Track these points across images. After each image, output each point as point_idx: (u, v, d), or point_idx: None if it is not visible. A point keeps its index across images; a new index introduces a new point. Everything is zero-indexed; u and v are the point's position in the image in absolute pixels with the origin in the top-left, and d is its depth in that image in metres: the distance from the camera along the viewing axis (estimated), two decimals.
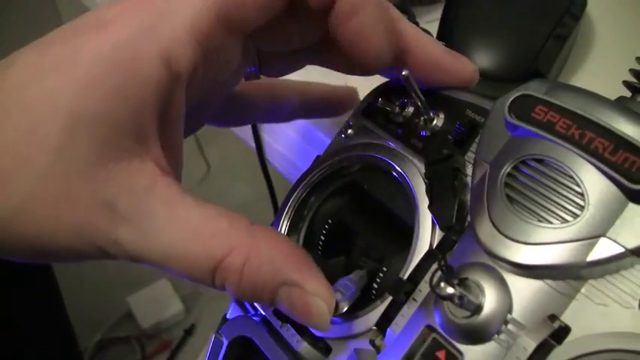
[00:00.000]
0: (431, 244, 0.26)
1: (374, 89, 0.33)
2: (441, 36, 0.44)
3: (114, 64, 0.22)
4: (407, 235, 0.27)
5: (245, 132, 0.52)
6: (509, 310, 0.22)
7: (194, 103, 0.26)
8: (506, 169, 0.23)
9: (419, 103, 0.28)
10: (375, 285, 0.29)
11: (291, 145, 0.50)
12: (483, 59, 0.41)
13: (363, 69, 0.28)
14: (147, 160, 0.23)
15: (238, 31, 0.25)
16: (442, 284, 0.22)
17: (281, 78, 0.34)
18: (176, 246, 0.22)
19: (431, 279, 0.22)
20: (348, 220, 0.32)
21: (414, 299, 0.25)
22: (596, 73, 0.44)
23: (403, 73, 0.27)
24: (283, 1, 0.25)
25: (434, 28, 0.44)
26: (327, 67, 0.33)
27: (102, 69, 0.22)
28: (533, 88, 0.24)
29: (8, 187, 0.21)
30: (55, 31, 0.24)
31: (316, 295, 0.23)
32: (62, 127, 0.21)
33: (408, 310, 0.25)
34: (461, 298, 0.22)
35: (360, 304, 0.27)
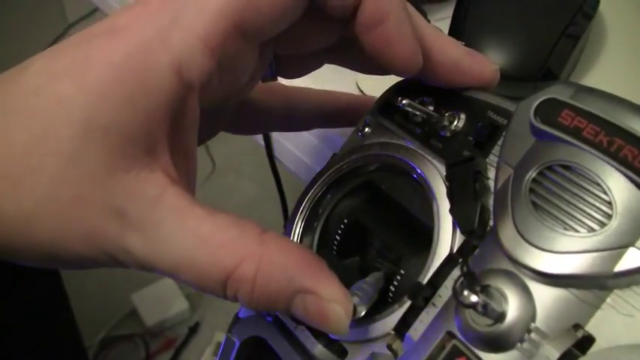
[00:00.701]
0: (451, 249, 0.25)
1: (391, 87, 0.32)
2: (452, 34, 0.43)
3: (126, 72, 0.22)
4: (424, 237, 0.27)
5: None
6: (533, 318, 0.22)
7: (208, 110, 0.25)
8: (532, 174, 0.23)
9: (433, 120, 0.28)
10: (392, 288, 0.29)
11: (300, 142, 0.49)
12: (495, 58, 0.41)
13: (390, 73, 0.28)
14: (156, 170, 0.22)
15: (254, 40, 0.25)
16: (465, 292, 0.21)
17: (298, 85, 0.34)
18: (185, 255, 0.22)
19: (454, 287, 0.22)
20: (364, 220, 0.32)
21: (434, 304, 0.25)
22: (608, 72, 0.44)
23: (404, 102, 0.26)
24: (301, 9, 0.25)
25: (445, 26, 0.44)
26: (345, 66, 0.32)
27: (114, 76, 0.22)
28: (559, 92, 0.23)
29: (20, 191, 0.21)
30: (70, 37, 0.24)
31: (332, 301, 0.23)
32: (74, 134, 0.21)
33: (427, 316, 0.25)
34: (484, 306, 0.21)
35: (377, 307, 0.27)
